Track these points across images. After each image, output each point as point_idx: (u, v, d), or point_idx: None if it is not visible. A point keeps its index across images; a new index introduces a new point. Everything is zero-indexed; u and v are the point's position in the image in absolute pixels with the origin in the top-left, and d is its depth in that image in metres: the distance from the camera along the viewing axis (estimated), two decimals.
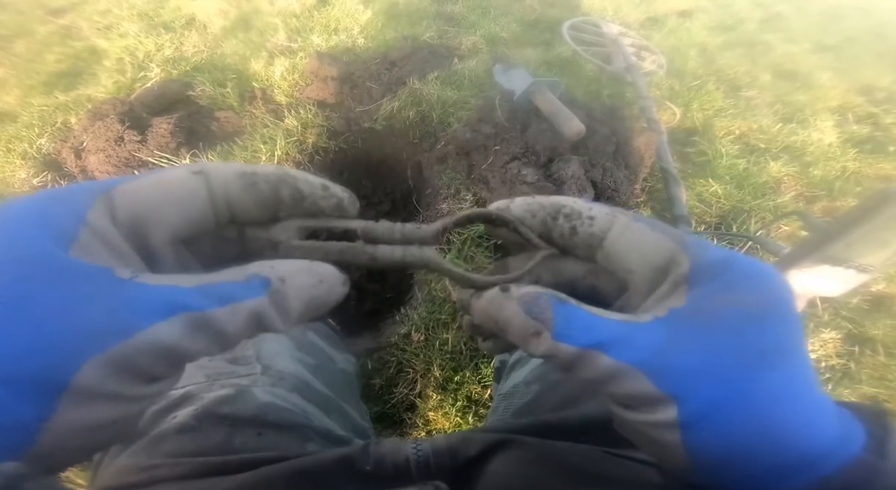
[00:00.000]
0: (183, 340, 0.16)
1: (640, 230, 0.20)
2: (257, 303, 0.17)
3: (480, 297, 0.19)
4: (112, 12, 2.02)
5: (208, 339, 0.16)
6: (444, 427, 0.91)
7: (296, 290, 0.18)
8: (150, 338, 0.15)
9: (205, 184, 0.19)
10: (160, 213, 0.18)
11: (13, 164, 1.30)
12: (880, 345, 1.13)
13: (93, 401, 0.15)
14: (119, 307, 0.15)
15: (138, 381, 0.16)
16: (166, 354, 0.16)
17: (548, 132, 1.20)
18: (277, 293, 0.17)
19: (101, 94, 1.54)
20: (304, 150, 1.35)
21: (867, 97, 2.00)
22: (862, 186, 1.53)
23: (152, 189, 0.18)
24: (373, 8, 1.94)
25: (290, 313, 0.18)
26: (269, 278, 0.17)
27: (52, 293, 0.15)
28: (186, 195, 0.18)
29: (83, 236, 0.16)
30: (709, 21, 2.37)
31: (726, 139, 1.61)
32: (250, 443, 0.42)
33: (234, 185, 0.19)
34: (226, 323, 0.16)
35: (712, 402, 0.17)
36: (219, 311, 0.16)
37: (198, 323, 0.16)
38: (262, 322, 0.17)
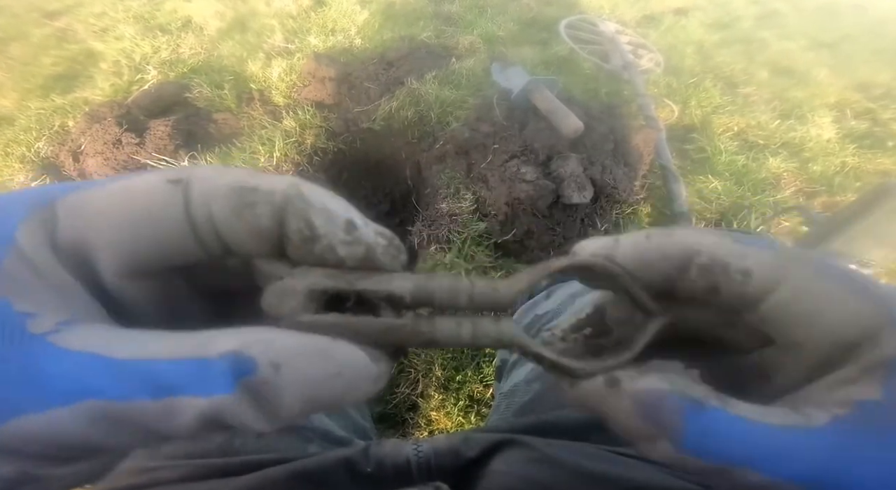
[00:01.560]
0: (81, 435, 0.11)
1: (826, 292, 0.13)
2: (213, 402, 0.11)
3: (577, 387, 0.14)
4: (108, 15, 2.01)
5: (131, 436, 0.12)
6: (446, 426, 0.91)
7: (295, 384, 0.12)
8: (31, 426, 0.11)
9: (182, 198, 0.13)
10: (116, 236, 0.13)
11: (11, 167, 1.30)
12: None
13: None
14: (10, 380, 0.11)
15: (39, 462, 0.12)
16: (67, 447, 0.11)
17: (546, 130, 1.20)
18: (262, 385, 0.11)
19: (98, 96, 1.54)
20: (302, 152, 1.35)
21: (865, 93, 2.00)
22: (861, 181, 1.53)
23: (108, 202, 0.13)
24: (369, 8, 1.94)
25: (279, 412, 0.12)
26: (256, 360, 0.11)
27: None
28: (155, 213, 0.13)
29: (6, 263, 0.12)
30: (705, 18, 2.37)
31: (725, 136, 1.61)
32: (251, 444, 0.42)
33: (222, 204, 0.13)
34: (156, 422, 0.11)
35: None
36: (147, 404, 0.11)
37: (112, 416, 0.11)
38: (224, 423, 0.11)
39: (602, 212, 1.20)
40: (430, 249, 1.12)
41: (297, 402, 0.12)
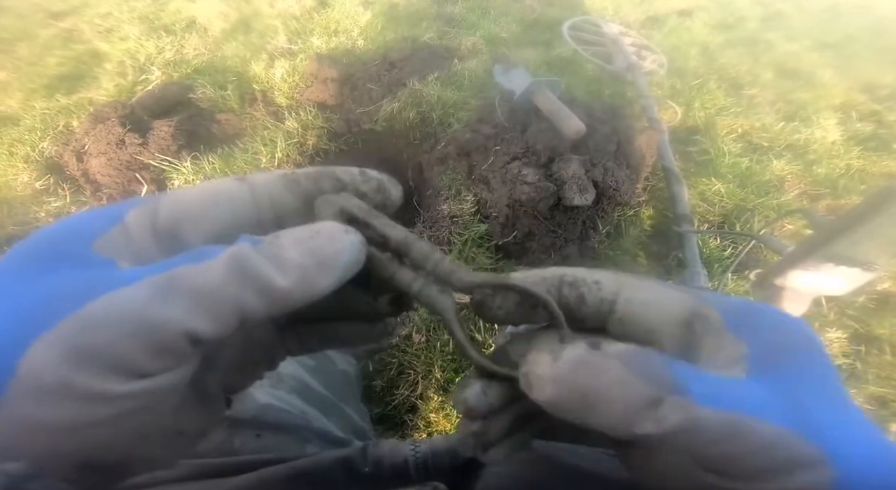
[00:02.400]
0: (149, 306, 0.13)
1: (651, 288, 0.18)
2: (239, 248, 0.14)
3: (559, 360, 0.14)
4: (113, 15, 2.03)
5: (184, 302, 0.13)
6: (445, 428, 0.90)
7: (290, 239, 0.15)
8: (105, 304, 0.13)
9: (248, 187, 0.18)
10: (201, 214, 0.17)
11: (16, 167, 1.31)
12: (887, 344, 1.12)
13: (48, 393, 0.12)
14: (86, 284, 0.13)
15: (110, 372, 0.13)
16: (133, 328, 0.13)
17: (548, 132, 1.19)
18: (268, 243, 0.15)
19: (103, 97, 1.55)
20: (304, 152, 1.35)
21: (870, 95, 1.99)
22: (866, 184, 1.52)
23: (195, 194, 0.18)
24: (372, 9, 1.94)
25: (287, 260, 0.15)
26: (261, 238, 0.15)
27: (33, 277, 0.14)
28: (229, 196, 0.18)
29: (111, 233, 0.16)
30: (709, 20, 2.36)
31: (728, 138, 1.60)
32: (249, 444, 0.42)
33: (276, 185, 0.19)
34: (199, 276, 0.14)
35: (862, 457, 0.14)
36: (191, 266, 0.14)
37: (166, 281, 0.13)
38: (249, 271, 0.14)
39: (604, 214, 1.19)
40: None
41: (298, 252, 0.15)
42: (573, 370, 0.14)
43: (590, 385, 0.14)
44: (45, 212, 1.23)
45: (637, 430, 0.14)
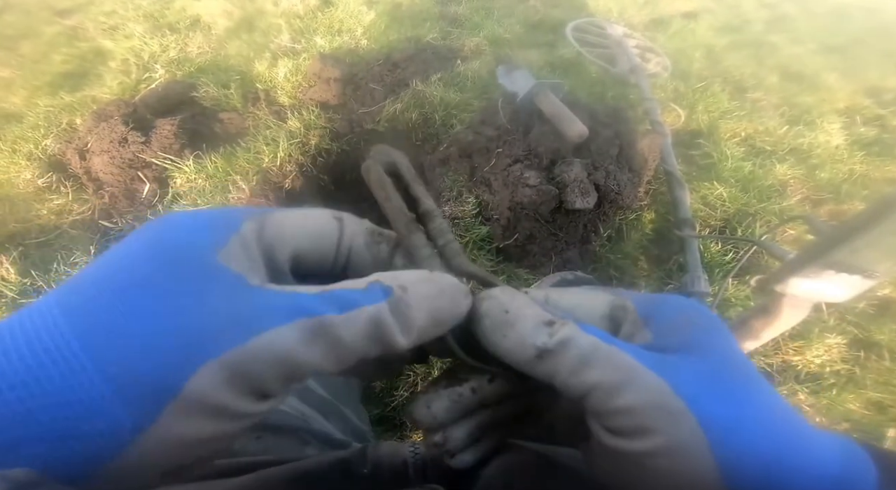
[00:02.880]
0: (299, 347, 0.15)
1: (572, 292, 0.21)
2: (377, 309, 0.16)
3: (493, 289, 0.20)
4: (118, 13, 2.03)
5: (324, 347, 0.15)
6: None
7: (418, 299, 0.17)
8: (267, 341, 0.15)
9: (339, 229, 0.20)
10: (296, 240, 0.19)
11: (18, 164, 1.31)
12: (886, 350, 1.11)
13: (202, 413, 0.14)
14: (242, 311, 0.15)
15: (248, 394, 0.15)
16: (281, 363, 0.15)
17: (550, 134, 1.19)
18: (399, 301, 0.17)
19: (106, 95, 1.55)
20: (306, 152, 1.35)
21: (875, 99, 1.98)
22: (869, 189, 1.52)
23: (297, 219, 0.20)
24: (376, 9, 1.94)
25: (412, 324, 0.17)
26: (391, 286, 0.17)
27: (184, 292, 0.15)
28: (322, 232, 0.20)
29: (232, 244, 0.17)
30: (714, 22, 2.35)
31: (732, 141, 1.59)
32: (248, 446, 0.42)
33: (361, 238, 0.21)
34: (344, 330, 0.16)
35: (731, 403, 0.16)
36: (337, 317, 0.16)
37: (316, 328, 0.15)
38: (382, 331, 0.16)
39: (605, 217, 1.19)
40: None
41: (423, 313, 0.17)
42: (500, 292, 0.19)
43: (509, 303, 0.18)
44: (46, 209, 1.23)
45: (537, 340, 0.17)
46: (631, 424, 0.16)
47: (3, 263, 1.08)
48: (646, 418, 0.16)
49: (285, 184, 1.32)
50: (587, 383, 0.17)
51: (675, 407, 0.16)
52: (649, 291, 1.17)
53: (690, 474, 0.16)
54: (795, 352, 1.10)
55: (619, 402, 0.16)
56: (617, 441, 0.17)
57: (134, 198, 1.27)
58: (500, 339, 0.18)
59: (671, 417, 0.16)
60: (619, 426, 0.16)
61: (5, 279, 1.06)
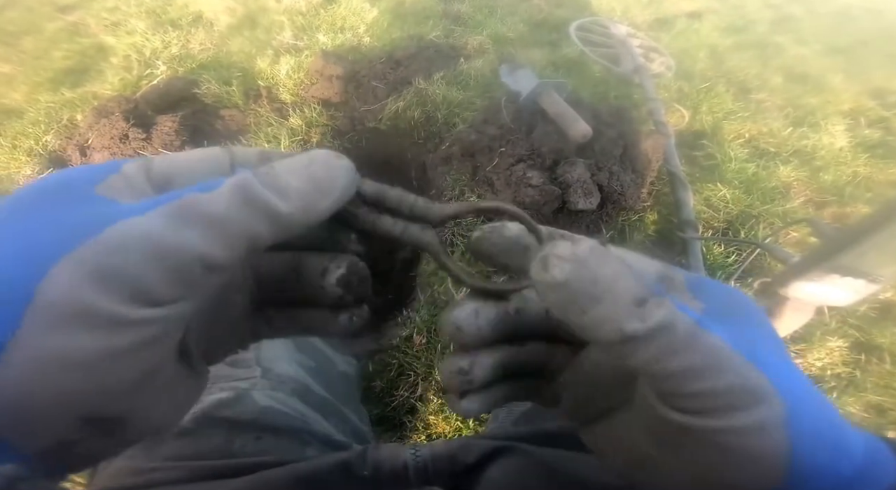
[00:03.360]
0: (166, 231, 0.14)
1: (630, 253, 0.19)
2: (240, 177, 0.15)
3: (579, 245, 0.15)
4: (120, 9, 2.03)
5: (197, 228, 0.14)
6: (444, 431, 0.90)
7: (286, 167, 0.16)
8: (125, 229, 0.13)
9: (230, 154, 0.19)
10: (189, 169, 0.18)
11: (18, 160, 1.31)
12: (887, 353, 1.11)
13: (68, 319, 0.12)
14: (101, 214, 0.14)
15: (128, 297, 0.13)
16: (152, 252, 0.13)
17: (554, 134, 1.19)
18: (266, 172, 0.16)
19: (108, 91, 1.55)
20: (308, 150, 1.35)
21: (879, 100, 1.97)
22: (873, 192, 1.51)
23: (184, 154, 0.19)
24: (379, 7, 1.93)
25: (287, 187, 0.16)
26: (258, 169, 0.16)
27: (48, 211, 0.14)
28: (214, 159, 0.19)
29: (112, 179, 0.16)
30: (719, 22, 2.34)
31: (735, 143, 1.59)
32: (249, 447, 0.42)
33: (252, 157, 0.20)
34: (212, 204, 0.14)
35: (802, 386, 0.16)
36: (200, 194, 0.15)
37: (179, 209, 0.14)
38: (255, 198, 0.15)
39: (608, 218, 1.19)
40: None
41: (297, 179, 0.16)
42: (589, 254, 0.15)
43: (599, 272, 0.15)
44: None
45: (626, 326, 0.14)
46: (713, 405, 0.15)
47: None
48: (732, 399, 0.15)
49: None
50: (674, 368, 0.15)
51: (764, 389, 0.15)
52: None
53: (768, 453, 0.15)
54: (797, 354, 1.09)
55: (706, 386, 0.15)
56: (692, 419, 0.15)
57: None
58: (577, 313, 0.15)
59: (758, 398, 0.15)
60: (698, 407, 0.15)
61: None
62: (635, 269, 0.17)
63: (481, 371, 0.20)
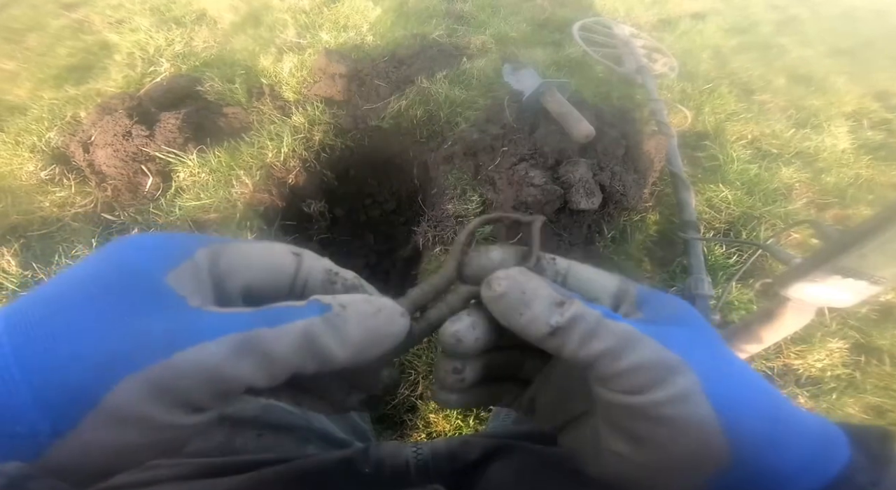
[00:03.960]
0: (227, 361, 0.15)
1: (588, 267, 0.23)
2: (310, 322, 0.17)
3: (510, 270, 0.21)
4: (124, 7, 2.03)
5: (254, 361, 0.16)
6: (444, 429, 0.91)
7: (355, 315, 0.18)
8: (192, 358, 0.15)
9: (296, 265, 0.20)
10: (251, 272, 0.20)
11: (21, 156, 1.31)
12: (887, 355, 1.11)
13: (123, 423, 0.15)
14: (174, 328, 0.15)
15: (177, 408, 0.15)
16: (208, 378, 0.15)
17: (556, 134, 1.19)
18: (336, 316, 0.17)
19: (111, 88, 1.55)
20: (310, 148, 1.35)
21: (882, 103, 1.97)
22: (875, 194, 1.51)
23: (255, 251, 0.20)
24: (382, 5, 1.93)
25: (348, 338, 0.17)
26: (330, 303, 0.17)
27: (121, 309, 0.15)
28: (279, 267, 0.20)
29: (183, 268, 0.17)
30: (723, 23, 2.34)
31: (738, 144, 1.58)
32: (250, 444, 0.42)
33: (318, 276, 0.21)
34: (275, 342, 0.16)
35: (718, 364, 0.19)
36: (269, 330, 0.16)
37: (245, 342, 0.16)
38: (315, 345, 0.17)
39: (609, 218, 1.19)
40: (434, 251, 1.12)
41: (359, 329, 0.18)
42: (518, 274, 0.20)
43: (525, 285, 0.19)
44: (49, 202, 1.23)
45: (550, 319, 0.19)
46: (637, 381, 0.18)
47: (4, 255, 1.08)
48: (649, 373, 0.18)
49: (288, 179, 1.32)
50: (594, 352, 0.18)
51: (673, 361, 0.18)
52: None
53: (696, 420, 0.17)
54: (797, 356, 1.09)
55: (623, 364, 0.18)
56: (627, 398, 0.18)
57: (137, 191, 1.27)
58: (516, 317, 0.19)
59: (671, 370, 0.18)
60: (627, 385, 0.18)
61: (6, 271, 1.06)
62: (596, 282, 0.22)
63: (472, 372, 0.23)
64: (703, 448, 0.18)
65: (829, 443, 0.19)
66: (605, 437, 0.20)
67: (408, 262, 1.24)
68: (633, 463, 0.20)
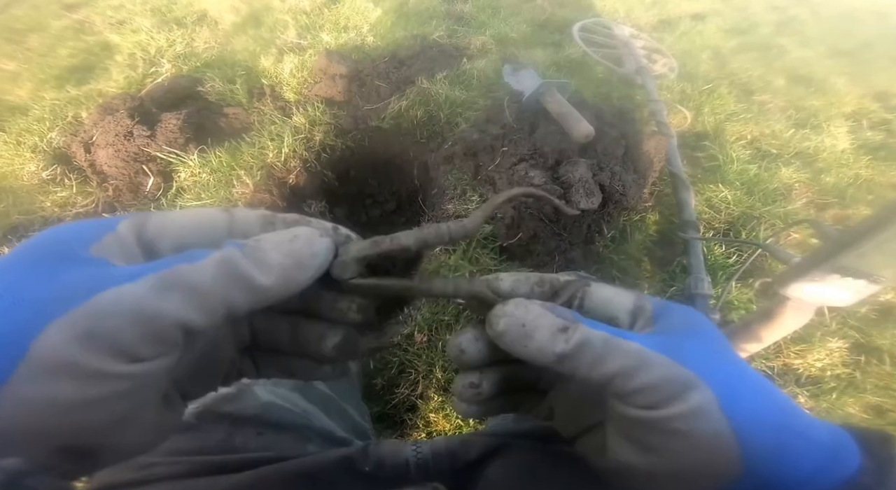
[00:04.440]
0: (150, 298, 0.15)
1: (607, 287, 0.23)
2: (226, 251, 0.17)
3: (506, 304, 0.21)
4: (125, 7, 2.04)
5: (180, 295, 0.16)
6: (444, 429, 0.91)
7: (271, 243, 0.18)
8: (111, 297, 0.15)
9: (229, 218, 0.20)
10: (182, 233, 0.19)
11: (23, 157, 1.32)
12: (887, 355, 1.11)
13: (55, 373, 0.14)
14: (94, 278, 0.15)
15: (109, 355, 0.15)
16: (135, 316, 0.15)
17: (556, 134, 1.19)
18: (252, 247, 0.17)
19: (112, 88, 1.56)
20: (311, 148, 1.35)
21: (882, 103, 1.97)
22: (874, 194, 1.51)
23: (182, 215, 0.20)
24: (382, 6, 1.94)
25: (269, 262, 0.17)
26: (246, 242, 0.18)
27: (43, 273, 0.16)
28: (210, 222, 0.20)
29: (106, 240, 0.18)
30: (723, 24, 2.34)
31: (738, 144, 1.59)
32: (250, 442, 0.42)
33: (254, 222, 0.21)
34: (195, 275, 0.16)
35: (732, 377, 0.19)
36: (186, 266, 0.16)
37: (163, 279, 0.15)
38: (237, 272, 0.16)
39: (609, 218, 1.19)
40: (434, 251, 1.12)
41: (279, 254, 0.18)
42: (514, 308, 0.20)
43: (524, 317, 0.20)
44: (50, 202, 1.24)
45: (555, 348, 0.19)
46: (653, 398, 0.18)
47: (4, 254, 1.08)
48: (664, 390, 0.18)
49: (289, 179, 1.32)
50: (606, 374, 0.18)
51: (687, 377, 0.18)
52: (652, 293, 1.17)
53: (710, 434, 0.18)
54: (797, 355, 1.09)
55: (638, 383, 0.18)
56: (642, 412, 0.18)
57: (138, 191, 1.28)
58: (521, 349, 0.20)
59: (685, 385, 0.18)
60: (642, 402, 0.18)
61: None
62: (614, 301, 0.22)
63: (489, 385, 0.24)
64: (715, 460, 0.18)
65: (840, 449, 0.19)
66: (617, 446, 0.21)
67: (408, 262, 1.24)
68: (645, 472, 0.20)
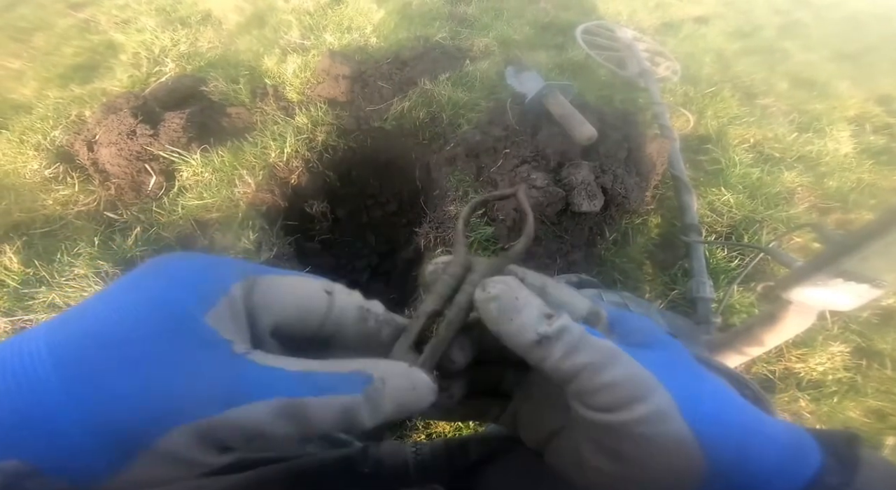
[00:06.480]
0: (268, 422, 0.17)
1: (564, 289, 0.24)
2: (352, 399, 0.18)
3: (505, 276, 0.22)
4: (130, 7, 2.05)
5: (293, 425, 0.17)
6: (444, 430, 0.91)
7: (392, 392, 0.19)
8: (240, 416, 0.16)
9: (328, 303, 0.21)
10: (283, 308, 0.20)
11: (26, 155, 1.32)
12: (888, 359, 1.11)
13: (171, 464, 0.16)
14: (223, 382, 0.16)
15: (214, 451, 0.17)
16: (249, 432, 0.17)
17: (559, 136, 1.19)
18: (375, 392, 0.18)
19: (116, 87, 1.56)
20: (313, 148, 1.35)
21: (885, 107, 1.97)
22: (877, 199, 1.50)
23: (287, 289, 0.21)
24: (386, 7, 1.94)
25: (381, 413, 0.19)
26: (372, 376, 0.19)
27: (171, 355, 0.16)
28: (310, 306, 0.21)
29: (221, 305, 0.18)
30: (726, 27, 2.34)
31: (740, 147, 1.58)
32: None
33: (350, 314, 0.22)
34: (315, 412, 0.17)
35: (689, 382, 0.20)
36: (313, 400, 0.17)
37: (289, 408, 0.17)
38: (351, 418, 0.18)
39: (611, 221, 1.19)
40: (435, 252, 1.12)
41: (392, 405, 0.19)
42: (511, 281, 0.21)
43: (518, 293, 0.21)
44: (52, 200, 1.24)
45: (539, 328, 0.20)
46: (615, 398, 0.19)
47: (6, 252, 1.09)
48: (627, 390, 0.19)
49: (291, 179, 1.32)
50: (577, 365, 0.19)
51: (650, 380, 0.19)
52: (653, 297, 1.17)
53: (672, 438, 0.18)
54: (798, 359, 1.09)
55: (604, 379, 0.19)
56: (603, 415, 0.19)
57: (140, 190, 1.28)
58: (506, 322, 0.20)
59: (648, 388, 0.19)
60: (605, 401, 0.19)
61: (8, 268, 1.07)
62: (570, 303, 0.23)
63: (458, 388, 0.25)
64: (680, 464, 0.18)
65: (801, 449, 0.20)
66: (586, 453, 0.21)
67: (409, 263, 1.24)
68: (614, 476, 0.20)
